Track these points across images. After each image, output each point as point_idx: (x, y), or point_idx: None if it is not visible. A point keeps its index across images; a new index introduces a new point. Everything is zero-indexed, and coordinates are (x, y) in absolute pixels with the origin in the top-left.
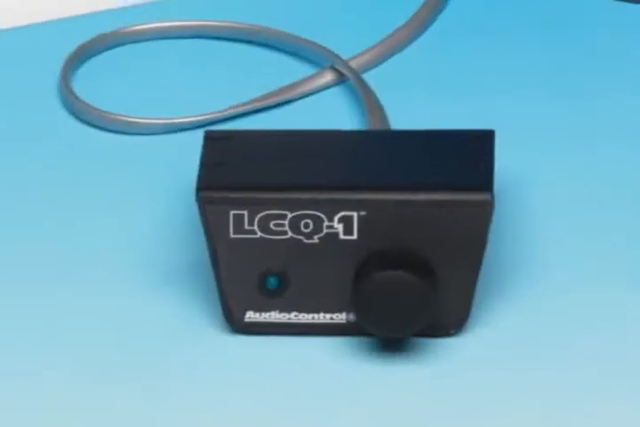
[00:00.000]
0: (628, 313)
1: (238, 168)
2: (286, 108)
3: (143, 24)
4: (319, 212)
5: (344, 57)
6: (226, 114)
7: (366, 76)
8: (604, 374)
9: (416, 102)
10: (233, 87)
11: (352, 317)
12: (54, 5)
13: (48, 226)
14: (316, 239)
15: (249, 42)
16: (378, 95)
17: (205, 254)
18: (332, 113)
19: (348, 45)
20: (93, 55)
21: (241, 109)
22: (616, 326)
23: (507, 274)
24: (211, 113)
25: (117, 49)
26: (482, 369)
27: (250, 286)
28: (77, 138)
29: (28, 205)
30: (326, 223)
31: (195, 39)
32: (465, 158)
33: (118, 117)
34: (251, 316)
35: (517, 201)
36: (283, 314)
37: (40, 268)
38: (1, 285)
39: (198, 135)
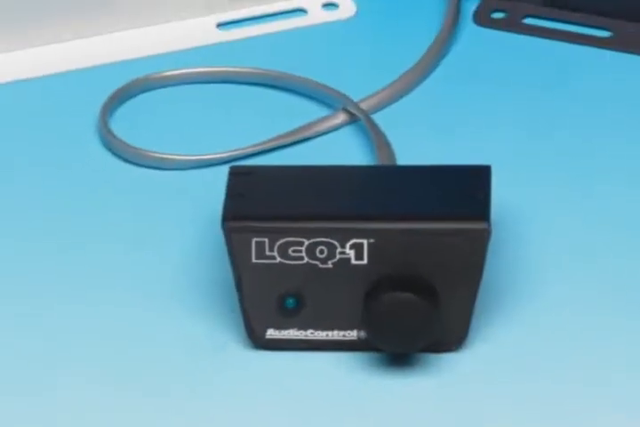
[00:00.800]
0: (624, 330)
1: (260, 200)
2: (303, 145)
3: (174, 70)
4: (333, 239)
5: (355, 99)
6: (249, 151)
7: (375, 117)
8: (599, 389)
9: (420, 140)
10: (255, 127)
11: (363, 334)
12: (94, 53)
13: (86, 254)
14: (329, 264)
15: (269, 86)
16: (386, 134)
17: (230, 278)
18: (344, 150)
19: (359, 89)
20: (129, 98)
21: (262, 147)
22: (611, 344)
23: (504, 295)
24: (235, 150)
25: (151, 92)
26: (481, 382)
27: (270, 307)
28: (115, 173)
29: (68, 232)
30: (339, 250)
31: (220, 84)
32: (464, 191)
33: (152, 154)
34: (271, 333)
35: (515, 231)
36: (300, 331)
37: (77, 290)
38: (36, 311)
39: (224, 170)
